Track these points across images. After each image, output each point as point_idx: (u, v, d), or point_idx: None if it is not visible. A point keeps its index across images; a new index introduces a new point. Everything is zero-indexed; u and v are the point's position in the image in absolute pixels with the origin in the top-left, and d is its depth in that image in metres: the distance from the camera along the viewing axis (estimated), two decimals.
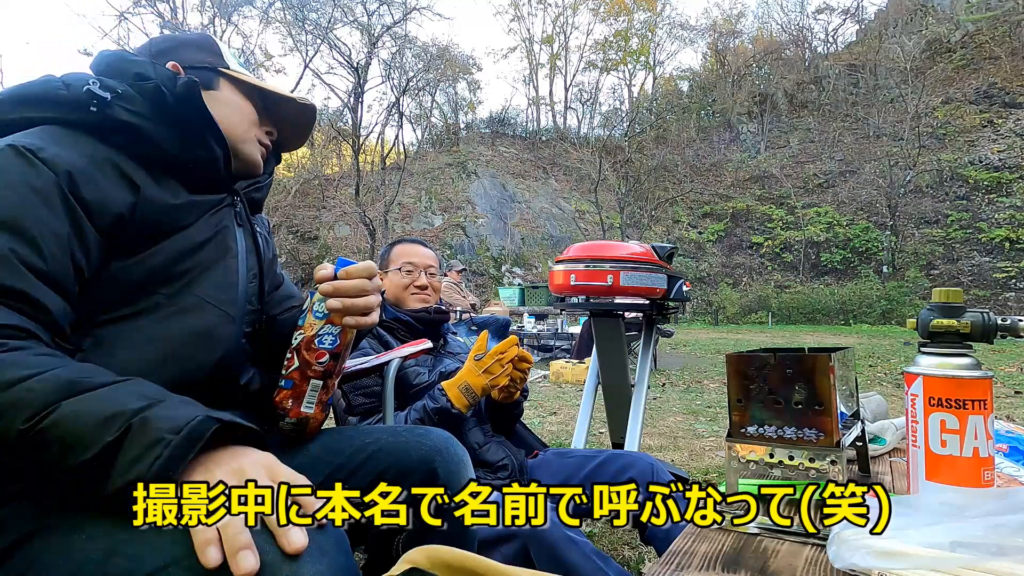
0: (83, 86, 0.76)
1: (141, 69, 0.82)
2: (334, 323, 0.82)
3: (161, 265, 0.78)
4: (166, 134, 0.81)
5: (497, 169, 27.09)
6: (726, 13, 38.69)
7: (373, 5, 22.44)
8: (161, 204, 0.79)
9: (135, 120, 0.78)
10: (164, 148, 0.81)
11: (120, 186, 0.76)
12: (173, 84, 0.81)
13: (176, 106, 0.81)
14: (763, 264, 23.71)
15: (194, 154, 0.83)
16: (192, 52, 0.92)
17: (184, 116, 0.82)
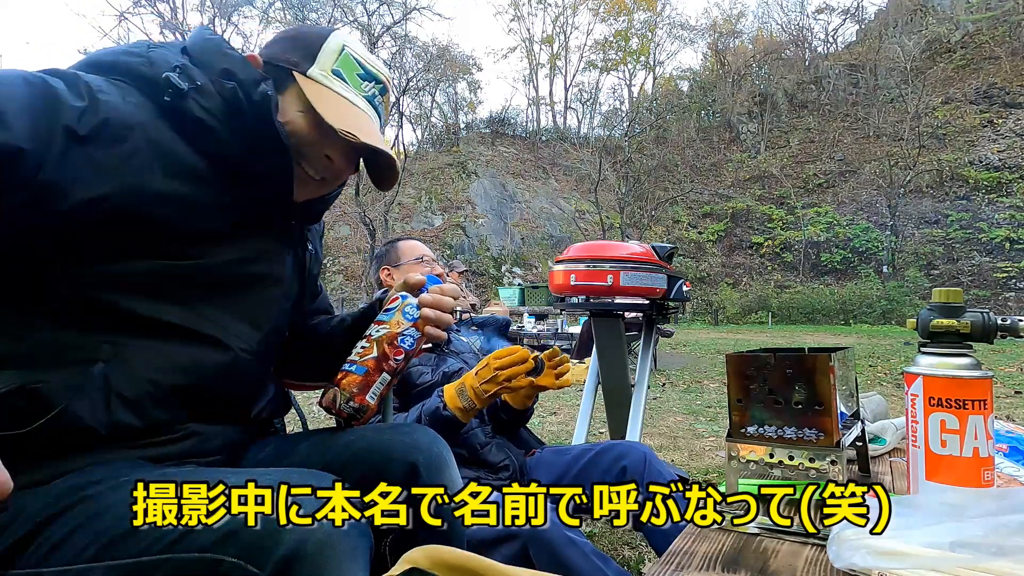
0: (164, 72, 0.73)
1: (230, 65, 0.78)
2: (418, 328, 0.89)
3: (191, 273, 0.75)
4: (232, 139, 0.77)
5: (497, 169, 27.10)
6: (726, 13, 38.72)
7: (373, 5, 22.47)
8: (205, 210, 0.76)
9: (205, 117, 0.75)
10: (226, 153, 0.78)
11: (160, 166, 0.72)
12: (252, 89, 0.77)
13: (248, 115, 0.77)
14: (763, 264, 23.72)
15: (255, 167, 0.80)
16: (284, 47, 0.85)
17: (254, 128, 0.78)
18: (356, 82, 0.86)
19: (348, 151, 0.87)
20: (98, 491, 0.62)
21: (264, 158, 0.80)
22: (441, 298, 0.91)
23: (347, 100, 0.85)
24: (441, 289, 0.92)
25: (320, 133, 0.83)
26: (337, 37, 0.87)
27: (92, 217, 0.67)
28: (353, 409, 0.84)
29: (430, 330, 0.89)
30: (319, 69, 0.84)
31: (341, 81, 0.85)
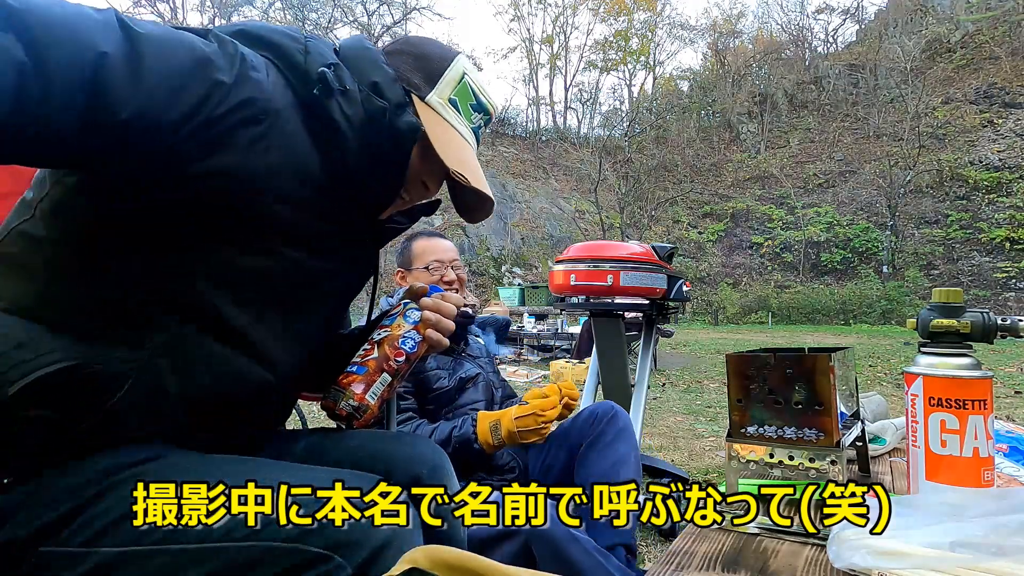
0: (319, 66, 0.71)
1: (380, 79, 0.76)
2: (419, 332, 0.91)
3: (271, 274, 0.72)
4: (360, 152, 0.75)
5: (497, 169, 27.09)
6: (726, 13, 38.72)
7: (373, 5, 22.47)
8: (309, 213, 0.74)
9: (343, 123, 0.73)
10: (347, 162, 0.75)
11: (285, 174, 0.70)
12: (398, 115, 0.76)
13: (385, 137, 0.76)
14: (763, 264, 23.72)
15: (367, 185, 0.79)
16: (407, 65, 0.82)
17: (385, 152, 0.76)
18: (468, 112, 0.86)
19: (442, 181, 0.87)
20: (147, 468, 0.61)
21: (381, 180, 0.79)
22: (442, 303, 0.92)
23: (458, 133, 0.83)
24: (443, 296, 0.94)
25: (427, 163, 0.82)
26: (460, 64, 0.85)
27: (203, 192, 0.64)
28: (352, 407, 0.85)
29: (431, 334, 0.90)
30: (437, 97, 0.82)
31: (455, 111, 0.84)
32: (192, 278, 0.67)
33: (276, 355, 0.77)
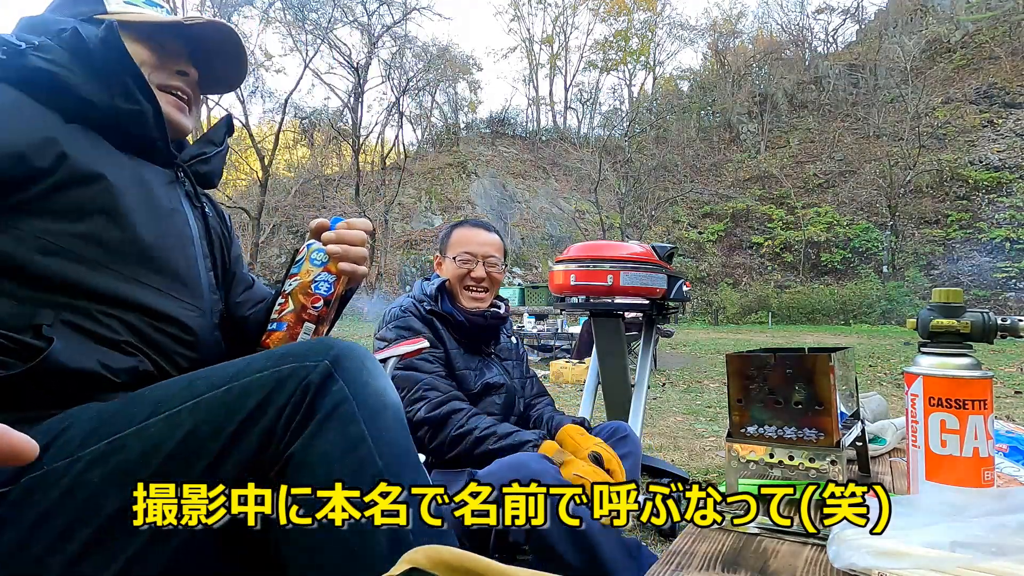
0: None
1: (63, 25, 0.76)
2: (330, 271, 0.85)
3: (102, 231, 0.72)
4: (88, 84, 0.75)
5: (497, 169, 27.09)
6: (726, 13, 38.71)
7: (373, 5, 22.47)
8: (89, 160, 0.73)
9: (49, 67, 0.73)
10: (88, 99, 0.75)
11: (30, 128, 0.70)
12: (91, 29, 0.76)
13: (96, 51, 0.75)
14: (763, 264, 23.72)
15: (120, 107, 0.77)
16: (69, 6, 0.83)
17: (105, 60, 0.76)
18: (148, 7, 0.86)
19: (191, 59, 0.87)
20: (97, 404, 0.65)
21: (125, 93, 0.78)
22: (345, 232, 0.86)
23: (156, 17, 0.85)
24: (347, 224, 0.87)
25: (162, 51, 0.83)
26: None
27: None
28: None
29: (343, 266, 0.85)
30: (114, 4, 0.83)
31: (137, 8, 0.85)
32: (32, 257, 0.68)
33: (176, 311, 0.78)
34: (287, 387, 0.60)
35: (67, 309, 0.70)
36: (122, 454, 0.59)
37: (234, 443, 0.59)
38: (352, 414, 0.61)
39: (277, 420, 0.60)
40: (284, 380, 0.61)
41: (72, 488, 0.58)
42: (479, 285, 1.45)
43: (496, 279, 1.48)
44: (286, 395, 0.60)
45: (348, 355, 0.63)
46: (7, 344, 0.65)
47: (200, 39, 0.88)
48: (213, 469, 0.59)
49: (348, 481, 0.58)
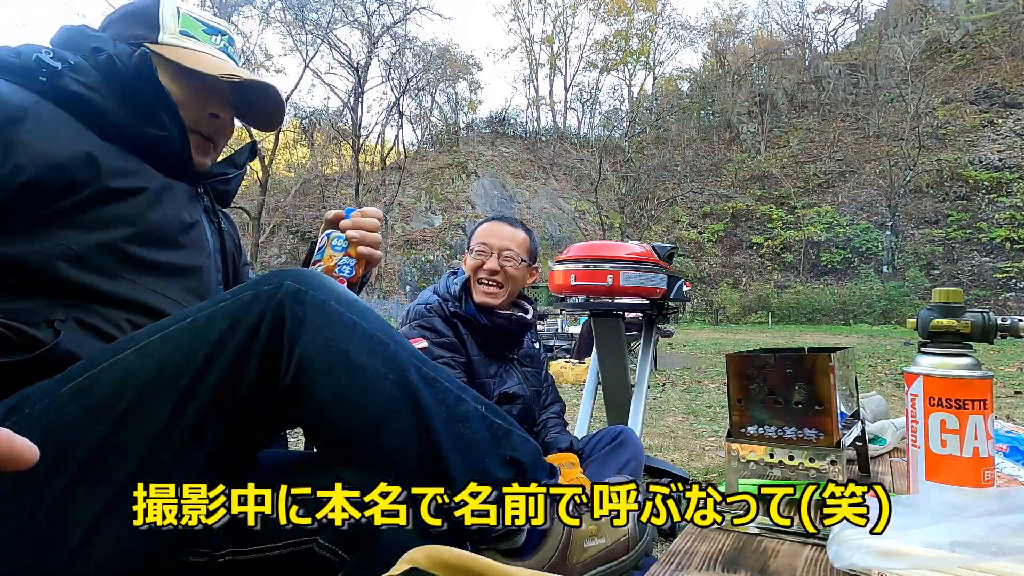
0: (33, 55, 0.74)
1: (99, 44, 0.78)
2: (351, 255, 0.91)
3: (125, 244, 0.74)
4: (118, 108, 0.77)
5: (497, 169, 27.09)
6: (726, 13, 38.69)
7: (373, 5, 22.46)
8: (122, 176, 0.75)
9: (85, 92, 0.75)
10: (116, 122, 0.77)
11: (71, 142, 0.72)
12: (128, 57, 0.78)
13: (129, 79, 0.77)
14: (763, 264, 23.72)
15: (147, 131, 0.80)
16: (124, 26, 0.85)
17: (137, 89, 0.78)
18: (205, 38, 0.88)
19: (227, 104, 0.90)
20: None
21: (154, 119, 0.80)
22: (360, 219, 0.91)
23: (207, 53, 0.86)
24: (361, 212, 0.93)
25: (199, 91, 0.85)
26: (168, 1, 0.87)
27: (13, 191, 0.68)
28: None
29: (363, 250, 0.90)
30: (168, 35, 0.84)
31: (192, 39, 0.86)
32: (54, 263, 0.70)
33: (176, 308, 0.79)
34: (253, 308, 0.62)
35: (80, 309, 0.72)
36: (97, 387, 0.60)
37: (208, 364, 0.60)
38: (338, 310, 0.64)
39: (252, 335, 0.61)
40: (248, 303, 0.62)
41: (53, 426, 0.59)
42: (491, 278, 1.38)
43: (512, 275, 1.40)
44: (256, 313, 0.62)
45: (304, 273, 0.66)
46: (15, 336, 0.67)
47: (238, 88, 0.89)
48: (191, 393, 0.60)
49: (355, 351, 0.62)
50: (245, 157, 1.00)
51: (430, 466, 0.64)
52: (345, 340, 0.63)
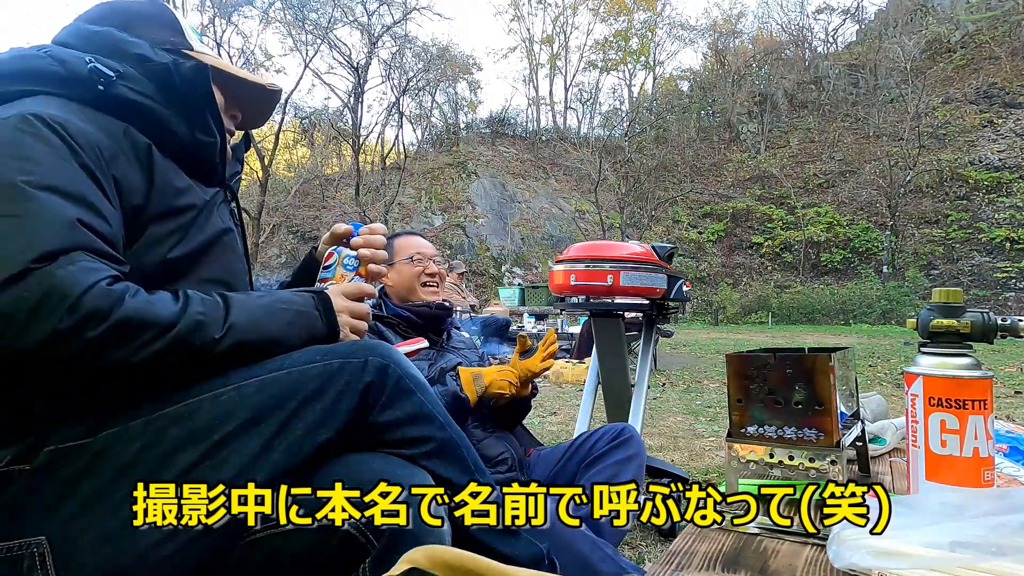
0: (84, 64, 0.73)
1: (142, 51, 0.80)
2: (361, 274, 0.93)
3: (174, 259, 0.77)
4: (174, 116, 0.80)
5: (497, 169, 27.09)
6: (726, 13, 38.67)
7: (373, 5, 22.44)
8: (171, 192, 0.78)
9: (141, 100, 0.76)
10: (173, 130, 0.79)
11: (136, 169, 0.74)
12: (181, 66, 0.80)
13: (183, 89, 0.79)
14: (763, 264, 23.72)
15: (198, 138, 0.83)
16: (154, 30, 0.86)
17: (190, 99, 0.81)
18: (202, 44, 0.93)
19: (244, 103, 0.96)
20: None
21: (205, 127, 0.83)
22: (371, 237, 0.96)
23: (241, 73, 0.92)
24: (370, 229, 0.97)
25: (228, 96, 0.91)
26: (169, 7, 0.93)
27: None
28: None
29: (372, 268, 0.94)
30: (195, 43, 0.90)
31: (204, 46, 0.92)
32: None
33: None
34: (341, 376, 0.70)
35: None
36: (197, 416, 0.66)
37: (297, 413, 0.68)
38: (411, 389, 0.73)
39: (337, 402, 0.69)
40: (336, 371, 0.70)
41: (151, 444, 0.64)
42: (433, 280, 1.59)
43: (443, 276, 1.63)
44: (343, 382, 0.70)
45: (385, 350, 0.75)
46: None
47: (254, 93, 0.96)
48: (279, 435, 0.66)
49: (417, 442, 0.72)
50: (243, 150, 1.03)
51: None
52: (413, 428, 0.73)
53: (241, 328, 0.70)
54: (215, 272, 0.84)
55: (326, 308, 0.81)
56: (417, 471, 0.71)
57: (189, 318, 0.67)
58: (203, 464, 0.63)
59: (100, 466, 0.63)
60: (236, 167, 0.99)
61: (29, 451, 0.63)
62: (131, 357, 0.62)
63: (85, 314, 0.59)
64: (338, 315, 0.82)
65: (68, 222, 0.63)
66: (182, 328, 0.66)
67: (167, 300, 0.68)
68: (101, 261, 0.64)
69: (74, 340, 0.59)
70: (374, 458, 0.70)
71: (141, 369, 0.64)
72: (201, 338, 0.67)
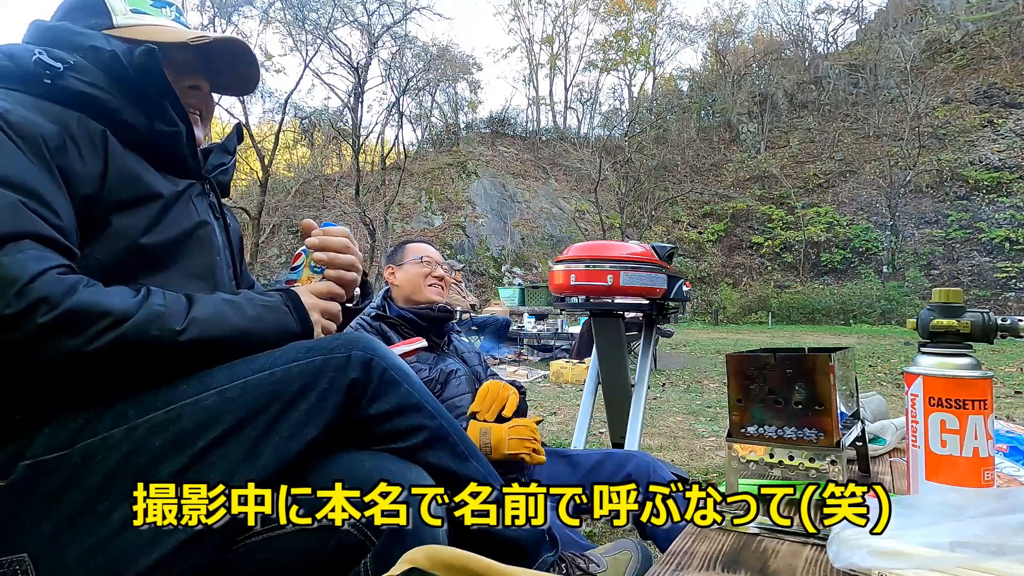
0: (31, 56, 0.72)
1: (94, 42, 0.77)
2: (330, 277, 0.88)
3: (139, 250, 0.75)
4: (126, 106, 0.77)
5: (497, 169, 27.09)
6: (726, 13, 38.64)
7: (373, 5, 22.43)
8: (132, 180, 0.75)
9: (91, 91, 0.74)
10: (126, 121, 0.76)
11: (89, 158, 0.72)
12: (131, 54, 0.76)
13: (135, 76, 0.76)
14: (763, 264, 23.72)
15: (157, 128, 0.79)
16: (76, 19, 0.83)
17: (144, 87, 0.77)
18: (156, 12, 0.87)
19: (204, 73, 0.89)
20: None
21: (163, 115, 0.80)
22: (327, 238, 0.90)
23: (164, 26, 0.85)
24: (328, 231, 0.92)
25: (172, 68, 0.83)
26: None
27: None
28: None
29: (331, 273, 0.88)
30: (121, 16, 0.83)
31: (144, 15, 0.85)
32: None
33: None
34: (325, 374, 0.69)
35: None
36: (179, 423, 0.65)
37: (282, 415, 0.67)
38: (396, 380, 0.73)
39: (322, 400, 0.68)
40: (319, 369, 0.69)
41: (134, 452, 0.63)
42: (439, 283, 1.62)
43: (449, 283, 1.67)
44: (327, 379, 0.69)
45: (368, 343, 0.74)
46: None
47: (211, 53, 0.89)
48: (265, 437, 0.66)
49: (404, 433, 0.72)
50: (235, 142, 0.99)
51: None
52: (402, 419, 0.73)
53: (204, 320, 0.69)
54: (198, 267, 0.83)
55: (295, 304, 0.79)
56: (417, 470, 0.70)
57: (148, 309, 0.65)
58: (189, 471, 0.62)
59: (82, 477, 0.62)
60: (223, 158, 0.96)
61: (5, 465, 0.62)
62: (85, 346, 0.61)
63: (34, 300, 0.59)
64: (309, 312, 0.80)
65: (10, 207, 0.62)
66: (140, 319, 0.64)
67: (125, 292, 0.67)
68: (50, 251, 0.63)
69: (23, 325, 0.58)
70: (372, 457, 0.70)
71: (99, 360, 0.62)
72: (160, 329, 0.65)
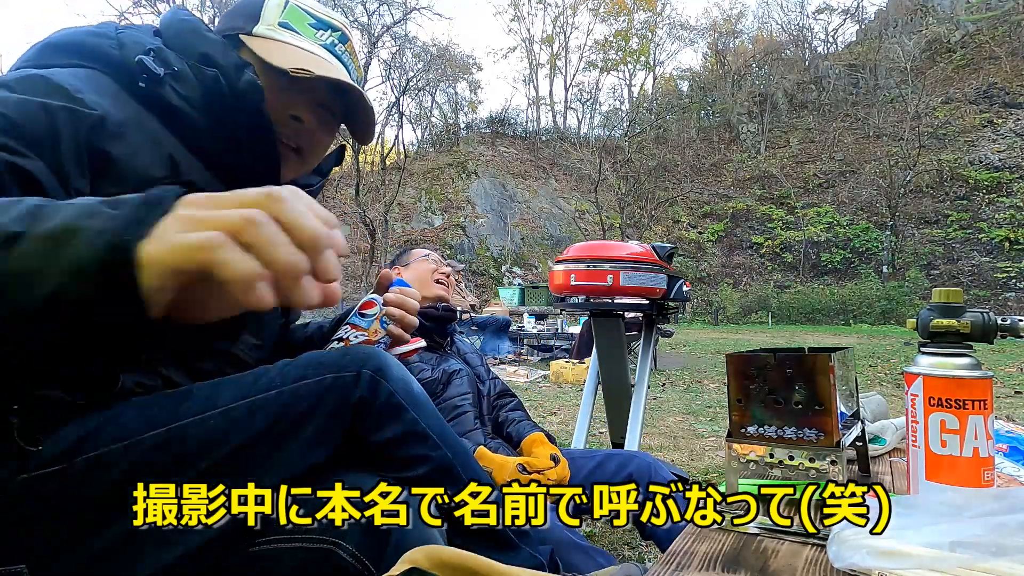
0: (137, 55, 0.69)
1: (209, 49, 0.73)
2: (391, 334, 0.91)
3: None
4: (212, 128, 0.74)
5: (497, 169, 27.09)
6: (726, 13, 38.68)
7: (373, 5, 22.44)
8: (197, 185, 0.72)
9: (182, 106, 0.71)
10: (206, 143, 0.74)
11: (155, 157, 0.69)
12: (236, 77, 0.73)
13: (231, 101, 0.73)
14: (763, 264, 23.73)
15: (237, 159, 0.76)
16: (228, 18, 0.80)
17: (239, 116, 0.74)
18: (309, 32, 0.81)
19: (315, 107, 0.81)
20: None
21: (251, 148, 0.76)
22: (406, 300, 0.92)
23: (299, 47, 0.78)
24: (404, 292, 0.93)
25: (279, 90, 0.77)
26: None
27: None
28: None
29: (393, 330, 0.90)
30: (264, 25, 0.78)
31: (291, 32, 0.79)
32: None
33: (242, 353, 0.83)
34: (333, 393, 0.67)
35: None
36: (184, 443, 0.63)
37: (290, 434, 0.65)
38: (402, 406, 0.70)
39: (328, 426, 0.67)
40: (326, 389, 0.67)
41: (134, 470, 0.61)
42: (445, 278, 1.65)
43: (451, 284, 1.71)
44: (333, 401, 0.67)
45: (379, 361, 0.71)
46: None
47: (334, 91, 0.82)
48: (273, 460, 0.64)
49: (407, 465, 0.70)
50: (331, 163, 0.94)
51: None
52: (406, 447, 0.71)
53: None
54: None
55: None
56: None
57: None
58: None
59: (81, 491, 0.61)
60: (311, 180, 0.91)
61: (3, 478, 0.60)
62: None
63: None
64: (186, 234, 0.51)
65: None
66: None
67: None
68: None
69: None
70: None
71: None
72: None
